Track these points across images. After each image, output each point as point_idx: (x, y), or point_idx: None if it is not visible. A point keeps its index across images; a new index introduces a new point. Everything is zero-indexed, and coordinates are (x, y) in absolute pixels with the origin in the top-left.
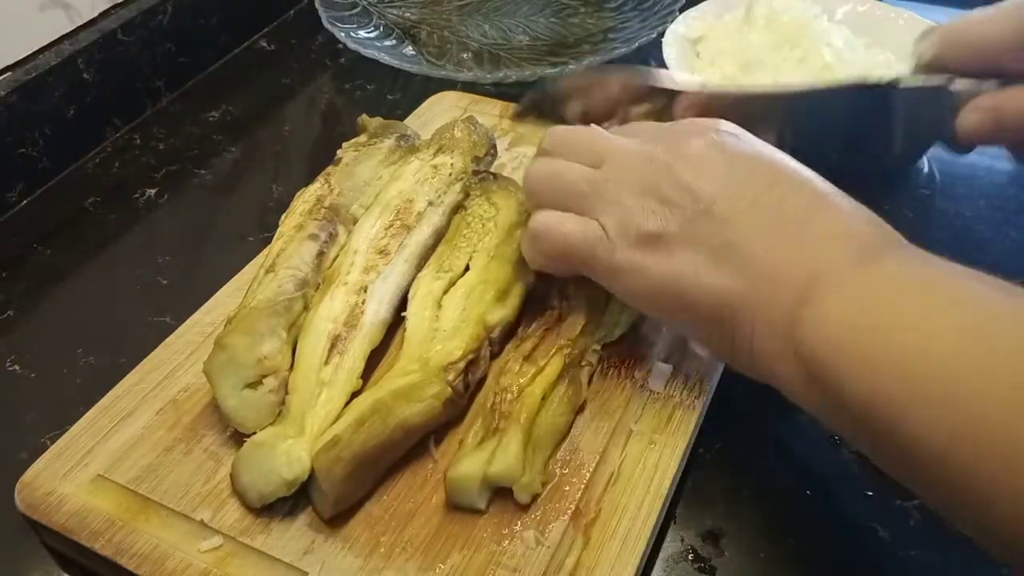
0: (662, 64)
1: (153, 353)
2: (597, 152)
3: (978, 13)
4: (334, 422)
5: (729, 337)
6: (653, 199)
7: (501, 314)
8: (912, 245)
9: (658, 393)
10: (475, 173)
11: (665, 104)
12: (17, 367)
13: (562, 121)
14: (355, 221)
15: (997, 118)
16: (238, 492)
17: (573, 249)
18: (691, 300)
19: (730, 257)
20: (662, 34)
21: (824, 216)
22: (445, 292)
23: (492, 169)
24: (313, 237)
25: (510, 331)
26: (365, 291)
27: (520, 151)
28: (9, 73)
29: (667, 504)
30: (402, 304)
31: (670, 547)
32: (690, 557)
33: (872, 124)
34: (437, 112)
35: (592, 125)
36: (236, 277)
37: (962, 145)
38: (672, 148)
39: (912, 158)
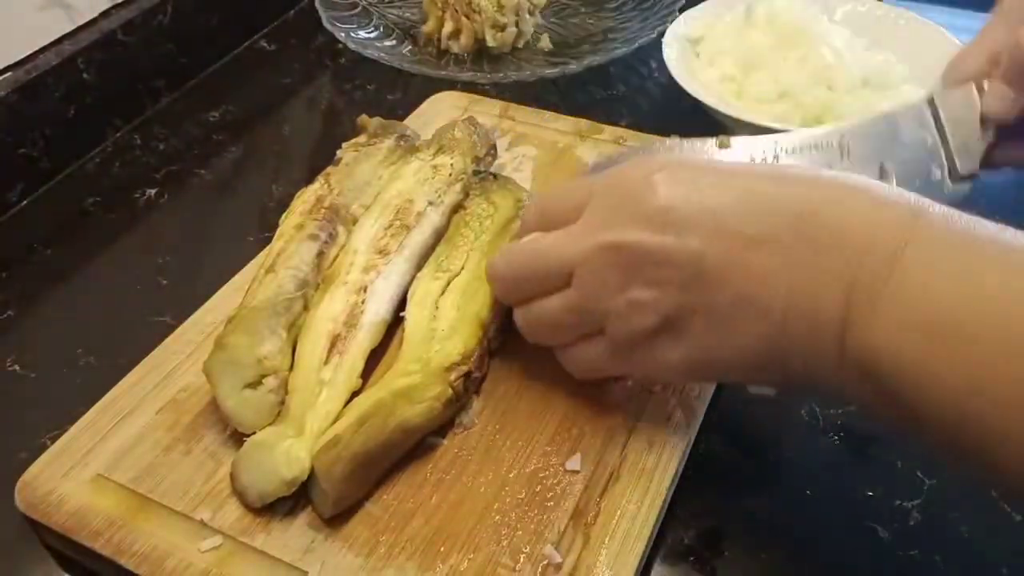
0: (662, 64)
1: (153, 353)
2: (558, 266)
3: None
4: (334, 422)
5: (780, 375)
6: (638, 287)
7: (496, 309)
8: (935, 208)
9: (658, 392)
10: (475, 173)
11: None
12: (17, 367)
13: None
14: (355, 221)
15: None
16: (238, 492)
17: (600, 369)
18: (725, 365)
19: (747, 311)
20: (662, 34)
21: (830, 218)
22: (443, 292)
23: (492, 169)
24: (313, 237)
25: (507, 325)
26: (365, 291)
27: (520, 151)
28: (9, 73)
29: (667, 504)
30: (402, 304)
31: (670, 547)
32: (690, 558)
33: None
34: (437, 112)
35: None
36: (236, 277)
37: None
38: (629, 215)
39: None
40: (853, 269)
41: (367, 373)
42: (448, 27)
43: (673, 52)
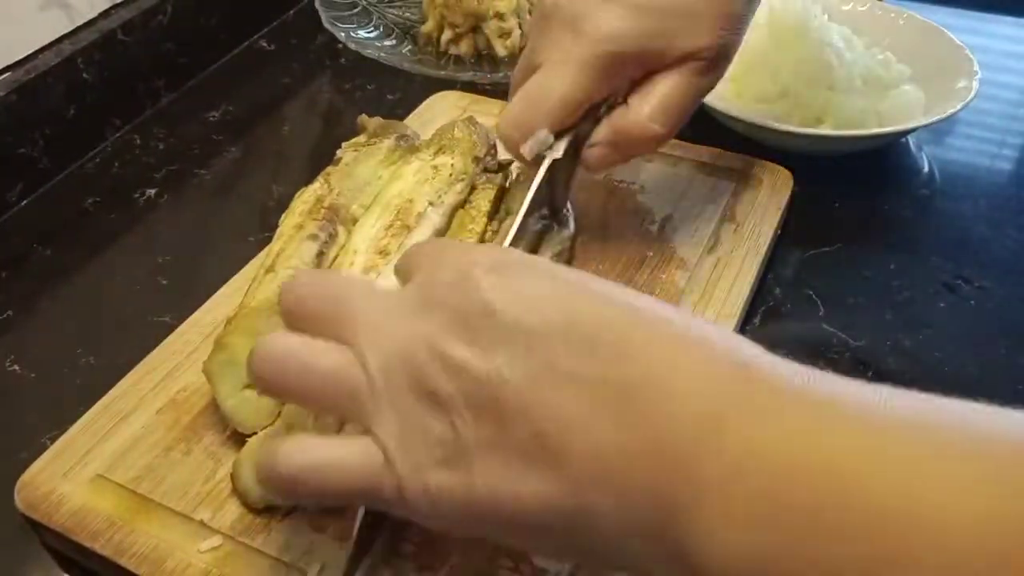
0: None
1: (153, 353)
2: (347, 323)
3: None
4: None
5: (572, 547)
6: (428, 396)
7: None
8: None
9: None
10: (486, 170)
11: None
12: (17, 367)
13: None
14: (355, 221)
15: (616, 141)
16: (239, 492)
17: (351, 490)
18: (505, 516)
19: (542, 454)
20: None
21: (662, 371)
22: None
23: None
24: (313, 237)
25: None
26: None
27: None
28: (9, 73)
29: None
30: None
31: None
32: None
33: None
34: (437, 112)
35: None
36: (236, 277)
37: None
38: (439, 306)
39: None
40: (675, 437)
41: None
42: (448, 34)
43: None
